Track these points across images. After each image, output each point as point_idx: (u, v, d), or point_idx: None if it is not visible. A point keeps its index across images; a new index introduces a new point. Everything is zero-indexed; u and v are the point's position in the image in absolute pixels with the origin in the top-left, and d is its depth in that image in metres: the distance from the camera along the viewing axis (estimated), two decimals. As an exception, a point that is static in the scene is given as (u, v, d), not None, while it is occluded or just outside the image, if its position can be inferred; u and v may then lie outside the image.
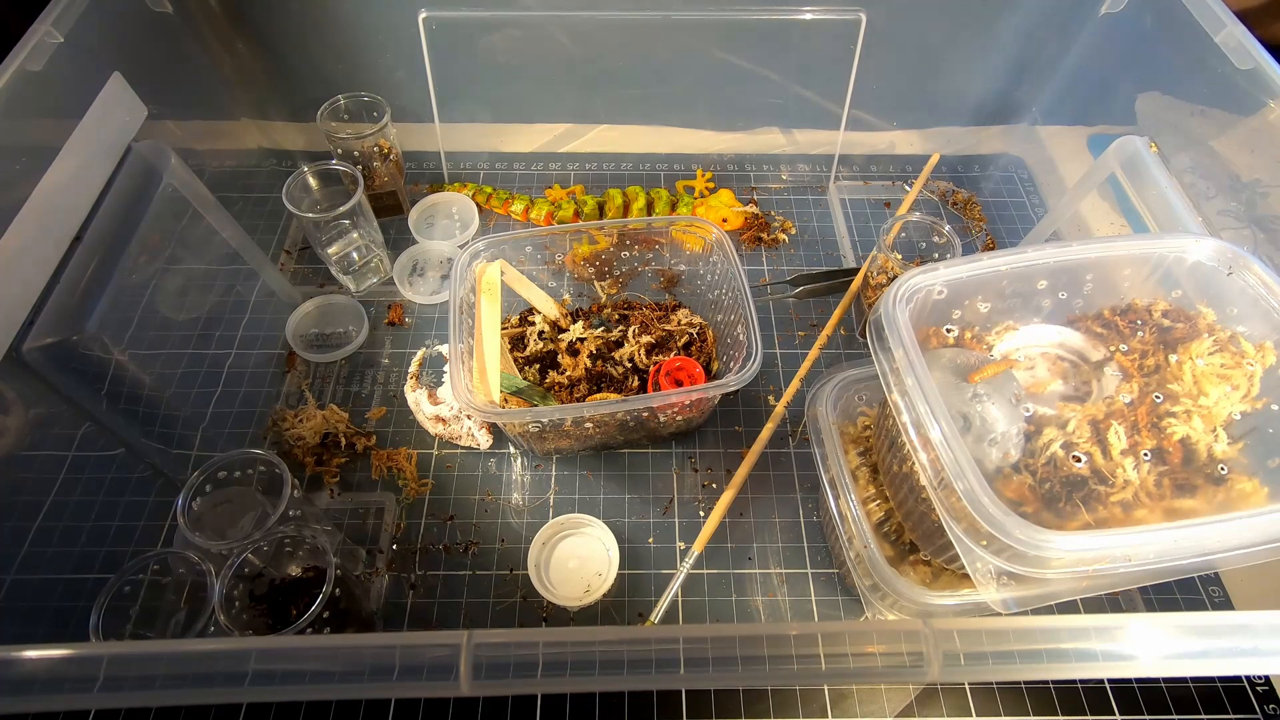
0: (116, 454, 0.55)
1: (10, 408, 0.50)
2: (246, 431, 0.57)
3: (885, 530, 0.43)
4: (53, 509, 0.52)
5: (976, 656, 0.26)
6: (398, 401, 0.59)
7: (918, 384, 0.34)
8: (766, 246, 0.70)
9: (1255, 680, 0.47)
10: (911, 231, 0.62)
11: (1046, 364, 0.39)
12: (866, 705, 0.46)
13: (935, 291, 0.39)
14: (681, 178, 0.73)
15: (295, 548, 0.47)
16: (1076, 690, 0.46)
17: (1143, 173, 0.51)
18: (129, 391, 0.57)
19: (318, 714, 0.46)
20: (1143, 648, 0.27)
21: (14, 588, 0.49)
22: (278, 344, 0.62)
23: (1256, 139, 0.46)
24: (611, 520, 0.52)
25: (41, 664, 0.25)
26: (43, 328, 0.49)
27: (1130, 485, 0.33)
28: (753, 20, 0.61)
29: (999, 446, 0.35)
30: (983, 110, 0.71)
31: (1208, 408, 0.35)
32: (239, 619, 0.44)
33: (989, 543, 0.31)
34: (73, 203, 0.51)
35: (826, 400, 0.46)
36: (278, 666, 0.25)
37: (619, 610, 0.50)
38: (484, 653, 0.26)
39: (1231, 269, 0.38)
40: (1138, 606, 0.50)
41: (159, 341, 0.61)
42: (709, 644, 0.26)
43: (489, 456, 0.56)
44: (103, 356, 0.57)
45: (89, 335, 0.54)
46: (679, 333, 0.58)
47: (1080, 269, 0.39)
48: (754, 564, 0.51)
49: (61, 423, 0.54)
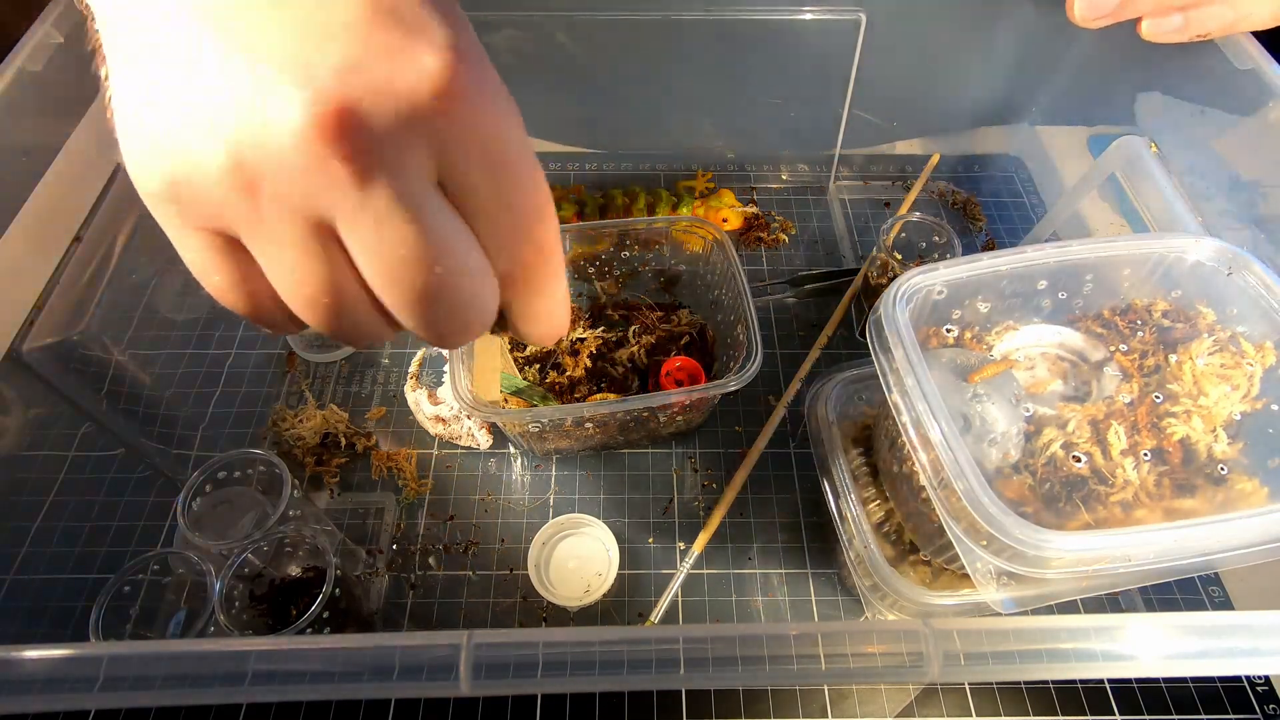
0: (116, 454, 0.55)
1: (10, 408, 0.50)
2: (246, 431, 0.57)
3: (885, 530, 0.43)
4: (53, 509, 0.52)
5: (976, 656, 0.26)
6: (398, 401, 0.59)
7: (918, 384, 0.34)
8: (766, 246, 0.70)
9: (1255, 680, 0.47)
10: (911, 231, 0.62)
11: (1046, 364, 0.39)
12: (866, 705, 0.46)
13: (935, 291, 0.39)
14: (682, 178, 0.73)
15: (295, 548, 0.47)
16: (1076, 690, 0.46)
17: (1143, 173, 0.51)
18: (129, 391, 0.58)
19: (318, 714, 0.46)
20: (1143, 648, 0.27)
21: (14, 588, 0.49)
22: (278, 344, 0.62)
23: (1256, 139, 0.46)
24: (611, 520, 0.52)
25: (41, 664, 0.25)
26: (43, 328, 0.49)
27: (1130, 485, 0.33)
28: (753, 20, 0.61)
29: (999, 446, 0.35)
30: (983, 110, 0.71)
31: (1208, 408, 0.35)
32: (239, 619, 0.44)
33: (989, 543, 0.31)
34: (73, 203, 0.51)
35: (826, 400, 0.46)
36: (278, 666, 0.25)
37: (619, 610, 0.50)
38: (484, 653, 0.26)
39: (1231, 269, 0.38)
40: (1138, 606, 0.50)
41: (159, 341, 0.61)
42: (709, 644, 0.26)
43: (489, 456, 0.56)
44: (103, 356, 0.57)
45: (89, 335, 0.54)
46: (680, 333, 0.58)
47: (1080, 269, 0.39)
48: (754, 564, 0.51)
49: (61, 423, 0.54)
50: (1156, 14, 0.47)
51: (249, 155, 0.20)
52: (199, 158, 0.20)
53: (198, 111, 0.20)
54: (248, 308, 0.24)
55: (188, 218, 0.21)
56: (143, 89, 0.21)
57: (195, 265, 0.23)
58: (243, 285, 0.23)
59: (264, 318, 0.24)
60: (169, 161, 0.20)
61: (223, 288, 0.23)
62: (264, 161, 0.20)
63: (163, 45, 0.20)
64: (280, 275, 0.22)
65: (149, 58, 0.20)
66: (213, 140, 0.20)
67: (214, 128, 0.20)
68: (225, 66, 0.19)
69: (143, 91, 0.21)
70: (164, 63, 0.20)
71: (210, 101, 0.20)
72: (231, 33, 0.19)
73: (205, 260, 0.22)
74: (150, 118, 0.20)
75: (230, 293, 0.23)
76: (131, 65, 0.21)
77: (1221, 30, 0.46)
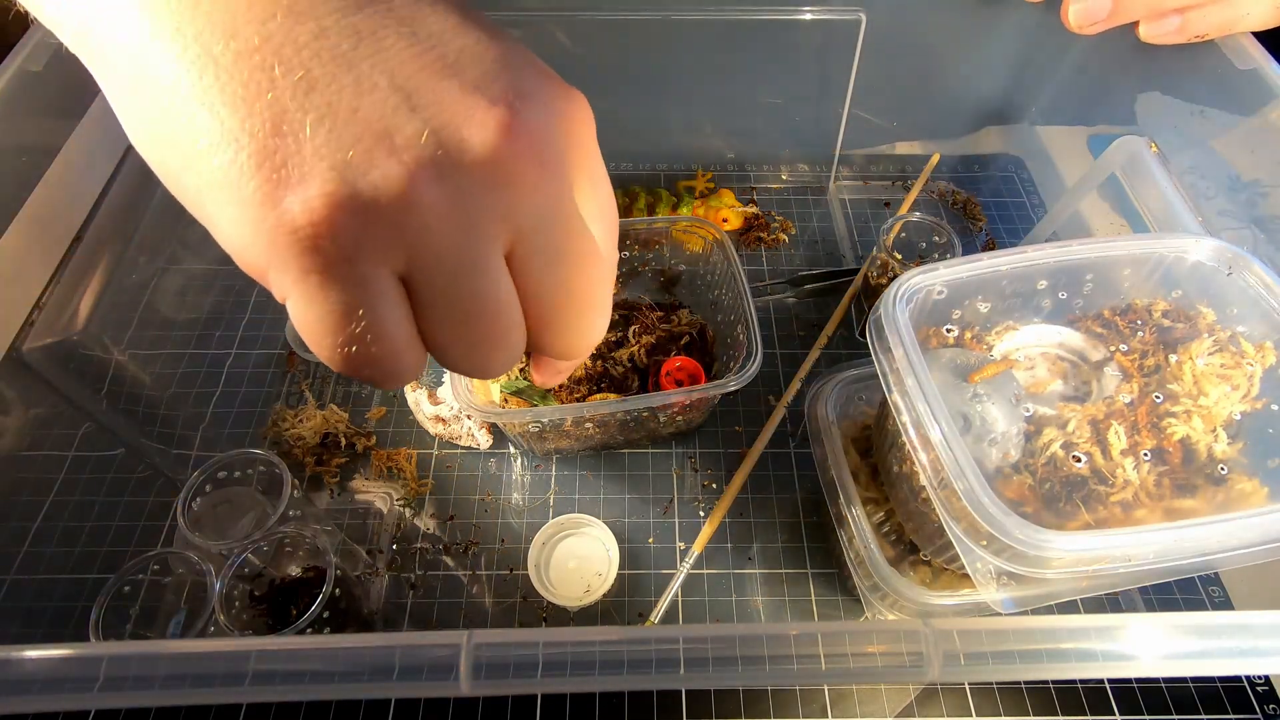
0: (116, 454, 0.55)
1: (10, 408, 0.50)
2: (246, 431, 0.57)
3: (885, 530, 0.43)
4: (53, 509, 0.52)
5: (976, 656, 0.26)
6: (398, 401, 0.59)
7: (918, 384, 0.34)
8: (766, 246, 0.70)
9: (1255, 680, 0.47)
10: (911, 231, 0.62)
11: (1046, 364, 0.39)
12: (866, 705, 0.46)
13: (935, 291, 0.39)
14: (682, 178, 0.73)
15: (295, 548, 0.47)
16: (1076, 690, 0.46)
17: (1143, 173, 0.51)
18: (129, 391, 0.58)
19: (318, 714, 0.46)
20: (1143, 648, 0.26)
21: (14, 588, 0.49)
22: (278, 344, 0.62)
23: (1256, 139, 0.46)
24: (611, 520, 0.52)
25: (41, 664, 0.25)
26: (43, 328, 0.49)
27: (1130, 485, 0.33)
28: (753, 20, 0.61)
29: (999, 446, 0.35)
30: (983, 110, 0.71)
31: (1208, 408, 0.35)
32: (239, 619, 0.44)
33: (989, 543, 0.31)
34: (73, 203, 0.51)
35: (826, 400, 0.46)
36: (278, 666, 0.25)
37: (619, 610, 0.50)
38: (484, 653, 0.26)
39: (1231, 269, 0.38)
40: (1138, 606, 0.50)
41: (159, 341, 0.61)
42: (709, 644, 0.26)
43: (489, 456, 0.56)
44: (103, 356, 0.57)
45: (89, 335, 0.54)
46: (680, 333, 0.58)
47: (1080, 269, 0.39)
48: (754, 564, 0.51)
49: (61, 423, 0.54)
50: (1152, 17, 0.47)
51: (446, 170, 0.20)
52: (381, 181, 0.19)
53: (380, 139, 0.20)
54: (389, 357, 0.22)
55: (354, 256, 0.20)
56: (294, 123, 0.20)
57: (337, 313, 0.20)
58: (395, 328, 0.21)
59: (395, 366, 0.22)
60: (343, 189, 0.19)
61: (381, 338, 0.21)
62: (460, 175, 0.20)
63: (322, 77, 0.20)
64: (454, 303, 0.22)
65: (305, 89, 0.20)
66: (396, 163, 0.20)
67: (394, 150, 0.20)
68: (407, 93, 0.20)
69: (295, 125, 0.20)
70: (332, 91, 0.20)
71: (388, 124, 0.20)
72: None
73: (356, 303, 0.20)
74: (313, 150, 0.19)
75: (382, 340, 0.21)
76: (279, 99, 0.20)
77: (1219, 31, 0.46)
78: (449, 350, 0.23)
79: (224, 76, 0.19)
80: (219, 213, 0.20)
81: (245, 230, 0.20)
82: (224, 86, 0.19)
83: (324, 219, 0.19)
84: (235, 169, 0.19)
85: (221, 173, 0.19)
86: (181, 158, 0.20)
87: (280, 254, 0.20)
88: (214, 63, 0.20)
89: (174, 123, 0.20)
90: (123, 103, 0.21)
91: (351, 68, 0.20)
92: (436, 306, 0.22)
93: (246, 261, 0.21)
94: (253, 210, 0.19)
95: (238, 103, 0.19)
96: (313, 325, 0.21)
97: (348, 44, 0.20)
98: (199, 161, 0.20)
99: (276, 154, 0.19)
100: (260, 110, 0.19)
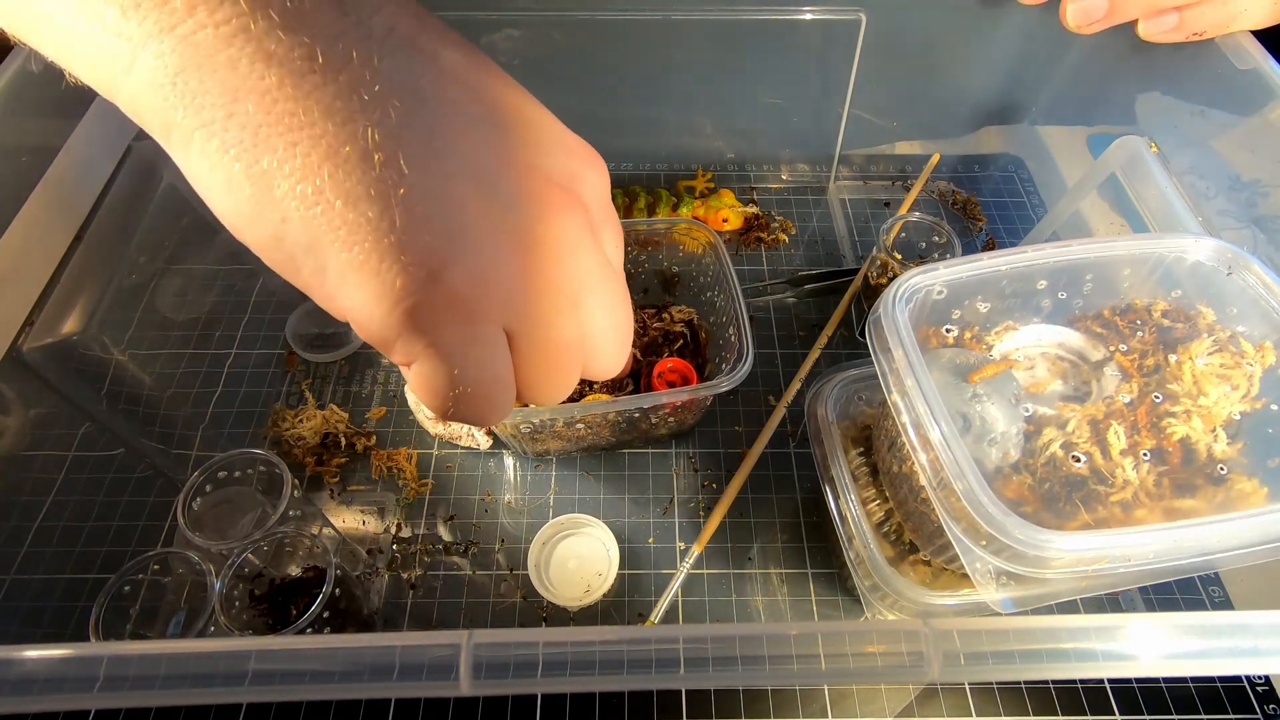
0: (116, 454, 0.55)
1: (10, 408, 0.50)
2: (246, 431, 0.57)
3: (885, 530, 0.43)
4: (53, 509, 0.52)
5: (976, 656, 0.26)
6: (398, 401, 0.59)
7: (917, 384, 0.34)
8: (766, 246, 0.70)
9: (1255, 680, 0.47)
10: (911, 231, 0.62)
11: (1046, 364, 0.39)
12: (866, 705, 0.46)
13: (935, 291, 0.39)
14: (682, 178, 0.73)
15: (295, 548, 0.47)
16: (1076, 690, 0.46)
17: (1143, 173, 0.51)
18: (129, 391, 0.58)
19: (318, 714, 0.46)
20: (1143, 648, 0.27)
21: (14, 588, 0.49)
22: (278, 344, 0.62)
23: (1256, 139, 0.46)
24: (611, 520, 0.52)
25: (41, 664, 0.25)
26: (43, 328, 0.49)
27: (1130, 485, 0.33)
28: (752, 20, 0.61)
29: (999, 446, 0.35)
30: (983, 110, 0.71)
31: (1207, 408, 0.35)
32: (239, 619, 0.44)
33: (989, 543, 0.31)
34: (73, 203, 0.51)
35: (826, 400, 0.46)
36: (278, 666, 0.25)
37: (619, 610, 0.50)
38: (484, 653, 0.26)
39: (1231, 269, 0.38)
40: (1138, 606, 0.50)
41: (159, 341, 0.61)
42: (709, 644, 0.26)
43: (489, 457, 0.56)
44: (103, 356, 0.57)
45: (89, 335, 0.54)
46: (674, 333, 0.58)
47: (1080, 269, 0.39)
48: (754, 564, 0.51)
49: (61, 423, 0.54)
50: (1150, 14, 0.47)
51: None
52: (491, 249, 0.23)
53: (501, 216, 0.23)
54: (504, 404, 0.25)
55: (477, 318, 0.23)
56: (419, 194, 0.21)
57: (462, 368, 0.23)
58: (508, 379, 0.25)
59: (507, 403, 0.26)
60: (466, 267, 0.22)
61: (494, 383, 0.24)
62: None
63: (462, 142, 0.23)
64: (551, 355, 0.25)
65: (443, 152, 0.22)
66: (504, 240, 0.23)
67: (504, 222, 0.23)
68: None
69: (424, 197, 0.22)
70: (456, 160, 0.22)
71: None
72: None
73: (487, 356, 0.24)
74: (433, 236, 0.22)
75: (501, 391, 0.25)
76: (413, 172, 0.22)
77: (1217, 28, 0.46)
78: (535, 388, 0.27)
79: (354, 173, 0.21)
80: (353, 294, 0.22)
81: (379, 310, 0.22)
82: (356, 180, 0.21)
83: (458, 293, 0.22)
84: (376, 255, 0.21)
85: (362, 258, 0.21)
86: (308, 247, 0.22)
87: (416, 325, 0.22)
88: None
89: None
90: (233, 197, 0.23)
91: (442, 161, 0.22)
92: (529, 352, 0.25)
93: (373, 334, 0.23)
94: (390, 292, 0.21)
95: (375, 197, 0.21)
96: (440, 382, 0.23)
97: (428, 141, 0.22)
98: (329, 249, 0.21)
99: (411, 243, 0.21)
100: (394, 205, 0.21)
